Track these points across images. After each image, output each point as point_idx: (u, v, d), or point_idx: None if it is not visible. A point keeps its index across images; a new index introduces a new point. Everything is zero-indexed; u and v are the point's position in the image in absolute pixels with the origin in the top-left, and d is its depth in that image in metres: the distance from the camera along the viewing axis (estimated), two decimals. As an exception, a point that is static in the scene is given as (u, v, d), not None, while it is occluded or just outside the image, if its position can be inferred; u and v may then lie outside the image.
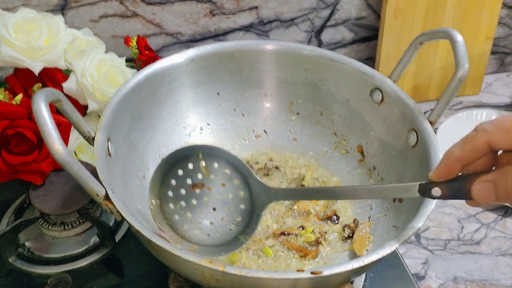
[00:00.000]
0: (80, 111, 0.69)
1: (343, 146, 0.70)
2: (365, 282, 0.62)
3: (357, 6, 0.91)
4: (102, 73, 0.68)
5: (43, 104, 0.44)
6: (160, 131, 0.66)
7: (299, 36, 0.92)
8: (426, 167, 0.56)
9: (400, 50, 0.90)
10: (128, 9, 0.82)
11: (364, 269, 0.50)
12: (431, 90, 0.96)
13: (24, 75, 0.67)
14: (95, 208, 0.68)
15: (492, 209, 0.76)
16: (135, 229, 0.46)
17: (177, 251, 0.44)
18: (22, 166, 0.61)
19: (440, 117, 0.59)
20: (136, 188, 0.60)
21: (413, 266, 0.68)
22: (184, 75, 0.67)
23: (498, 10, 0.92)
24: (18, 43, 0.63)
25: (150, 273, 0.63)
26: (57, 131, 0.43)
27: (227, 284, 0.47)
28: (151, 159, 0.64)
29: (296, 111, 0.72)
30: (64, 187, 0.64)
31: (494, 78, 1.04)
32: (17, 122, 0.60)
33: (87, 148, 0.71)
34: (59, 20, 0.67)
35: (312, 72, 0.70)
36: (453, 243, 0.71)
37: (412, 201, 0.55)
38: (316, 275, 0.43)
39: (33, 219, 0.64)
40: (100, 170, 0.49)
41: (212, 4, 0.85)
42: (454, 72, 0.56)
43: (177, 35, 0.86)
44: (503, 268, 0.68)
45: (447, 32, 0.58)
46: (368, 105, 0.67)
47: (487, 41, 0.94)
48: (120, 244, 0.66)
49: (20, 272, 0.62)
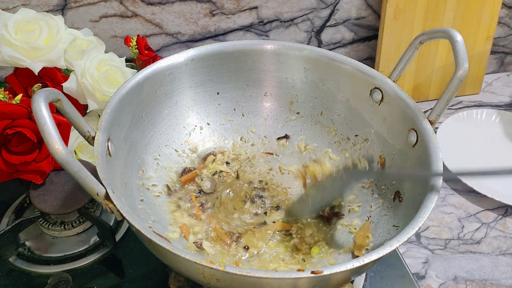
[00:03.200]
0: (80, 111, 0.69)
1: (343, 146, 0.70)
2: (365, 282, 0.62)
3: (357, 6, 0.91)
4: (102, 73, 0.68)
5: (43, 104, 0.44)
6: (160, 131, 0.67)
7: (299, 36, 0.92)
8: (426, 166, 0.56)
9: (400, 50, 0.90)
10: (128, 9, 0.82)
11: (364, 268, 0.50)
12: (431, 90, 0.96)
13: (24, 75, 0.67)
14: (95, 208, 0.68)
15: (493, 208, 0.76)
16: (136, 228, 0.46)
17: (178, 251, 0.44)
18: (22, 165, 0.61)
19: (440, 116, 0.60)
20: (136, 187, 0.60)
21: (413, 265, 0.68)
22: (184, 75, 0.67)
23: (498, 10, 0.92)
24: (18, 43, 0.63)
25: (150, 273, 0.63)
26: (57, 131, 0.43)
27: (227, 284, 0.47)
28: (151, 159, 0.64)
29: (296, 111, 0.73)
30: (64, 186, 0.64)
31: (494, 77, 1.04)
32: (17, 121, 0.60)
33: (87, 148, 0.71)
34: (59, 20, 0.67)
35: (312, 72, 0.70)
36: (454, 242, 0.71)
37: (412, 200, 0.55)
38: (316, 274, 0.43)
39: (33, 218, 0.64)
40: (100, 170, 0.49)
41: (212, 4, 0.85)
42: (454, 71, 0.56)
43: (177, 35, 0.86)
44: (503, 268, 0.68)
45: (447, 31, 0.58)
46: (368, 104, 0.67)
47: (487, 41, 0.94)
48: (120, 243, 0.66)
49: (21, 271, 0.62)
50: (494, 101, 0.98)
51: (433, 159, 0.55)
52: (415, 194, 0.55)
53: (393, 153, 0.64)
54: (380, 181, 0.65)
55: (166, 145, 0.67)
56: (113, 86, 0.69)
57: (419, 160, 0.58)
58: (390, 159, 0.64)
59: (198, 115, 0.70)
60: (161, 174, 0.65)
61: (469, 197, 0.78)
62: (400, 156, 0.63)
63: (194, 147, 0.70)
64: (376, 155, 0.66)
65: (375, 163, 0.66)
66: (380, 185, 0.64)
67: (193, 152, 0.69)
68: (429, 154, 0.56)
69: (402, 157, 0.62)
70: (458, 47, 0.56)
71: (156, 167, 0.65)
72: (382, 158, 0.65)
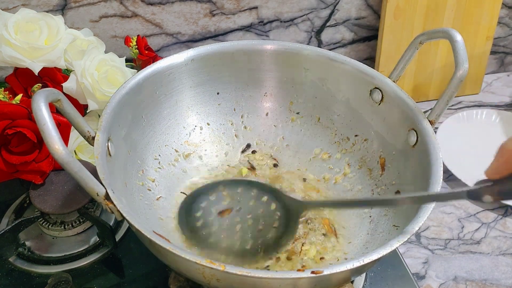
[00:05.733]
0: (80, 111, 0.69)
1: (343, 146, 0.70)
2: (365, 282, 0.62)
3: (357, 6, 0.91)
4: (102, 73, 0.68)
5: (43, 104, 0.44)
6: (160, 131, 0.67)
7: (299, 36, 0.92)
8: (426, 166, 0.56)
9: (400, 50, 0.90)
10: (128, 9, 0.82)
11: (364, 268, 0.50)
12: (431, 90, 0.96)
13: (24, 75, 0.67)
14: (95, 208, 0.68)
15: (493, 208, 0.76)
16: (136, 228, 0.46)
17: (178, 251, 0.44)
18: (22, 165, 0.62)
19: (440, 116, 0.60)
20: (136, 188, 0.60)
21: (413, 265, 0.68)
22: (184, 75, 0.67)
23: (498, 10, 0.92)
24: (18, 43, 0.63)
25: (150, 273, 0.63)
26: (57, 131, 0.43)
27: (227, 284, 0.47)
28: (151, 159, 0.64)
29: (296, 111, 0.73)
30: (64, 186, 0.64)
31: (494, 77, 1.04)
32: (17, 122, 0.60)
33: (87, 148, 0.71)
34: (59, 20, 0.67)
35: (312, 72, 0.70)
36: (454, 242, 0.71)
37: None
38: (316, 274, 0.43)
39: (33, 218, 0.64)
40: (100, 170, 0.49)
41: (212, 4, 0.85)
42: (454, 71, 0.56)
43: (177, 35, 0.86)
44: (503, 268, 0.68)
45: (447, 31, 0.58)
46: (368, 104, 0.67)
47: (487, 41, 0.94)
48: (120, 243, 0.66)
49: (21, 271, 0.62)
50: (494, 101, 0.98)
51: (433, 159, 0.55)
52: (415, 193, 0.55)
53: (393, 153, 0.64)
54: (380, 182, 0.65)
55: (166, 145, 0.67)
56: (113, 86, 0.69)
57: (419, 160, 0.58)
58: (390, 159, 0.64)
59: (198, 115, 0.70)
60: (162, 175, 0.65)
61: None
62: (400, 156, 0.63)
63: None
64: (376, 156, 0.66)
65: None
66: (380, 185, 0.64)
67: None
68: (429, 154, 0.56)
69: (402, 157, 0.62)
70: (458, 47, 0.56)
71: (156, 168, 0.65)
72: (382, 158, 0.65)
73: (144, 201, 0.60)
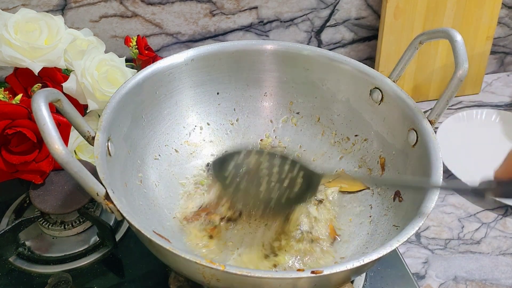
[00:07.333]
0: (80, 111, 0.69)
1: (343, 146, 0.70)
2: (365, 282, 0.62)
3: (357, 6, 0.91)
4: (102, 73, 0.68)
5: (43, 104, 0.44)
6: (160, 131, 0.67)
7: (299, 36, 0.92)
8: (426, 166, 0.56)
9: (400, 50, 0.90)
10: (128, 9, 0.82)
11: (364, 268, 0.50)
12: (431, 90, 0.96)
13: (24, 75, 0.67)
14: (95, 208, 0.68)
15: (493, 208, 0.76)
16: (136, 228, 0.46)
17: (178, 251, 0.44)
18: (22, 165, 0.62)
19: (440, 116, 0.60)
20: (136, 188, 0.60)
21: (413, 265, 0.68)
22: (184, 75, 0.67)
23: (498, 10, 0.92)
24: (18, 43, 0.63)
25: (150, 273, 0.63)
26: (57, 131, 0.43)
27: (227, 284, 0.47)
28: (151, 159, 0.64)
29: (296, 111, 0.73)
30: (64, 186, 0.64)
31: (494, 77, 1.04)
32: (17, 121, 0.60)
33: (87, 148, 0.71)
34: (59, 20, 0.67)
35: (312, 72, 0.70)
36: (453, 242, 0.71)
37: (412, 200, 0.55)
38: (316, 274, 0.43)
39: (33, 218, 0.64)
40: (100, 170, 0.49)
41: (212, 4, 0.85)
42: (454, 71, 0.56)
43: (177, 35, 0.86)
44: (503, 268, 0.68)
45: (447, 31, 0.58)
46: (368, 104, 0.67)
47: (487, 41, 0.94)
48: (120, 243, 0.66)
49: (21, 271, 0.62)
50: (494, 101, 0.98)
51: (433, 159, 0.55)
52: (415, 194, 0.55)
53: (393, 153, 0.64)
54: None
55: (166, 145, 0.67)
56: (113, 86, 0.69)
57: (419, 160, 0.58)
58: (390, 159, 0.64)
59: (198, 115, 0.70)
60: (162, 175, 0.65)
61: (469, 197, 0.78)
62: (400, 156, 0.63)
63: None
64: (376, 156, 0.66)
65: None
66: (380, 185, 0.64)
67: None
68: (429, 154, 0.56)
69: (402, 157, 0.62)
70: (458, 47, 0.56)
71: (156, 168, 0.65)
72: (382, 158, 0.65)
73: (144, 201, 0.60)
